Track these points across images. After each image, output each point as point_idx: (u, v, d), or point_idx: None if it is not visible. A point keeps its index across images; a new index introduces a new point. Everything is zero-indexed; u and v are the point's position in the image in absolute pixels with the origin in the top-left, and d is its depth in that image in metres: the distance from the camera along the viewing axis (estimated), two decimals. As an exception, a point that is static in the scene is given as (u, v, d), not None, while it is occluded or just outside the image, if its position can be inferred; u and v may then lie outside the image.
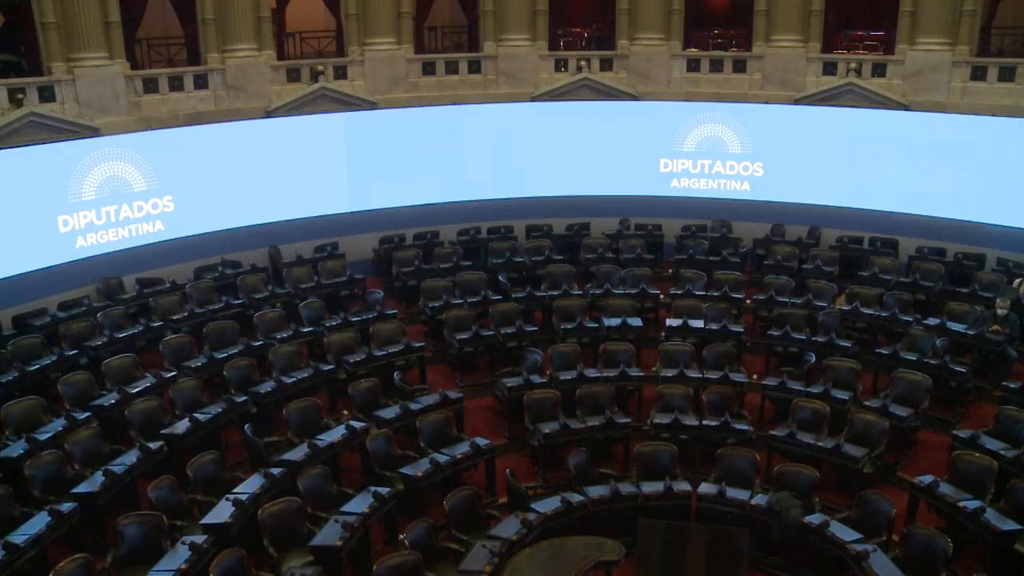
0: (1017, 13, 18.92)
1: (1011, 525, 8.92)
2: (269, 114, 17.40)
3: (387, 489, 9.66)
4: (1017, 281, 14.09)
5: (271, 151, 16.71)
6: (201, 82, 17.15)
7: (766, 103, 18.35)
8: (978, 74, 17.26)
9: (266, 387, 11.64)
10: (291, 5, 20.10)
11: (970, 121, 16.42)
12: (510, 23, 19.12)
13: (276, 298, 14.47)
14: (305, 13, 20.42)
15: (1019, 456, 9.98)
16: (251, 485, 9.52)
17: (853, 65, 17.99)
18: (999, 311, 12.81)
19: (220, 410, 11.07)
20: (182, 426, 10.61)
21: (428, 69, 19.11)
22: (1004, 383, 11.82)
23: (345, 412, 11.66)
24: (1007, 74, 17.00)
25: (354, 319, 13.62)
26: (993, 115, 16.40)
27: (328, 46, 19.52)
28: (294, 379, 11.85)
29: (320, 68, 17.98)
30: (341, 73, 18.34)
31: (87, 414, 10.90)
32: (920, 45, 17.51)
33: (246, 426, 10.76)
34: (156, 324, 13.39)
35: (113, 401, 11.11)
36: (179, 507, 9.47)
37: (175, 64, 17.77)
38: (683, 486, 9.88)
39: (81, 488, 9.42)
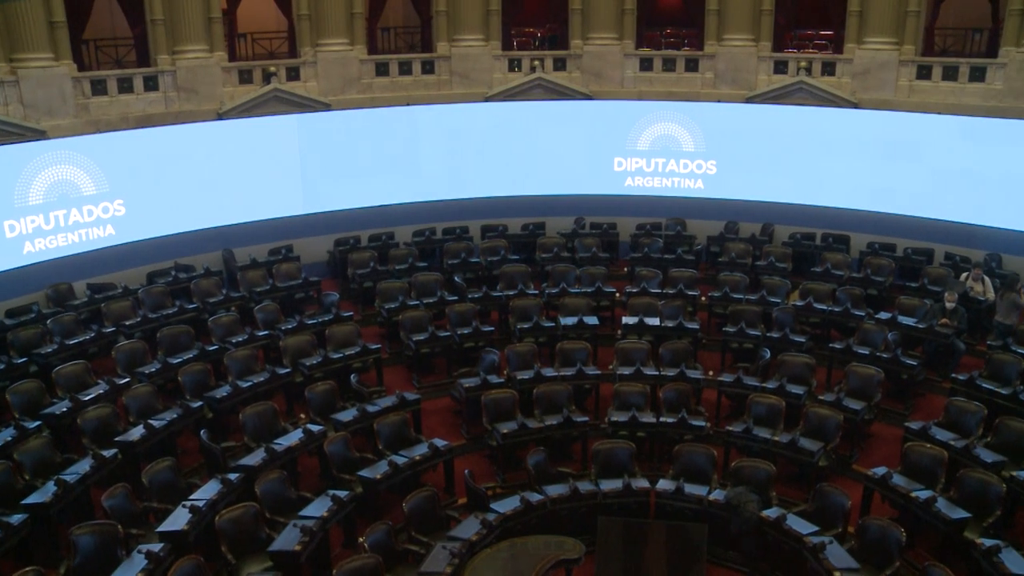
0: (958, 14, 19.39)
1: (960, 513, 9.12)
2: (221, 116, 17.21)
3: (346, 492, 9.60)
4: (964, 275, 14.36)
5: (223, 153, 16.46)
6: (151, 84, 16.92)
7: (718, 102, 18.55)
8: (923, 73, 17.68)
9: (222, 392, 11.48)
10: (242, 6, 19.87)
11: (916, 119, 16.69)
12: (463, 23, 19.14)
13: (230, 302, 14.30)
14: (256, 14, 20.21)
15: (968, 446, 10.20)
16: (208, 491, 9.41)
17: (803, 64, 18.30)
18: (947, 304, 13.03)
19: (175, 416, 10.92)
20: (136, 433, 10.43)
21: (381, 70, 19.07)
22: (953, 375, 12.05)
23: (302, 416, 11.58)
24: (951, 73, 17.45)
25: (310, 322, 13.51)
26: (938, 113, 16.74)
27: (280, 47, 19.35)
28: (250, 383, 11.69)
29: (272, 69, 17.84)
30: (294, 74, 18.22)
31: (37, 423, 10.67)
32: (868, 44, 17.88)
33: (202, 432, 10.63)
34: (108, 330, 13.15)
35: (65, 409, 10.86)
36: (134, 515, 9.32)
37: (124, 65, 17.48)
38: (641, 483, 9.94)
39: (32, 499, 9.21)
